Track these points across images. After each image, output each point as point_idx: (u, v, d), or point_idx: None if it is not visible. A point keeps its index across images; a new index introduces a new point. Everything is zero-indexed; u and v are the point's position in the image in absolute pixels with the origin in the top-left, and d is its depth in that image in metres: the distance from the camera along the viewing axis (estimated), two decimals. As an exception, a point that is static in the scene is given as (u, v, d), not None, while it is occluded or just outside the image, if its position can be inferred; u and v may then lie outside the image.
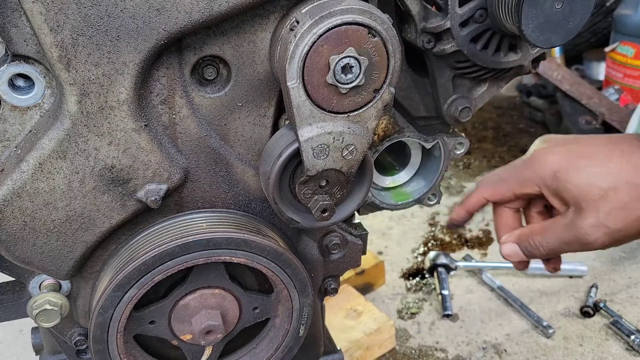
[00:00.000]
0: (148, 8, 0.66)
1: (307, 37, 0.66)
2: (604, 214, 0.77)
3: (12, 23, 0.66)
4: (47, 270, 0.78)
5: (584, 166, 0.78)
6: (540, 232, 0.84)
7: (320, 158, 0.73)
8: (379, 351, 1.61)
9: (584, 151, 0.80)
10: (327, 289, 0.99)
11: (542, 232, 0.84)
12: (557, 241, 0.82)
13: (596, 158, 0.78)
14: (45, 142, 0.70)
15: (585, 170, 0.78)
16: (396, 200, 1.03)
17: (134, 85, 0.70)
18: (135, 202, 0.77)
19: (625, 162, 0.76)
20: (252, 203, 0.86)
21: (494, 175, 0.88)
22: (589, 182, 0.77)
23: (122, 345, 0.80)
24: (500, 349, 1.63)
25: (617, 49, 2.63)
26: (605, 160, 0.77)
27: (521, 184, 0.85)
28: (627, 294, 1.82)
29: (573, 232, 0.80)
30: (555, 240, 0.82)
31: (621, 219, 0.77)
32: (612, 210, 0.76)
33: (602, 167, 0.77)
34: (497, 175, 0.88)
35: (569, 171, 0.79)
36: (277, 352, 0.90)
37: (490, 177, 0.88)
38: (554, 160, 0.81)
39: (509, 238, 0.89)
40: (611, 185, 0.76)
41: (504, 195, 0.87)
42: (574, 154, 0.80)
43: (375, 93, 0.71)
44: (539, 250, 0.85)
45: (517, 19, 0.75)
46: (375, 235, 2.16)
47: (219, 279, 0.83)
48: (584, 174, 0.78)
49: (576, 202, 0.79)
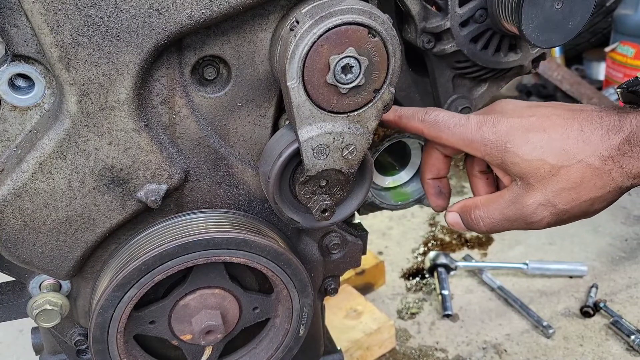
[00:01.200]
0: (148, 8, 0.66)
1: (307, 37, 0.66)
2: (553, 192, 0.73)
3: (12, 23, 0.66)
4: (47, 270, 0.78)
5: (537, 140, 0.73)
6: (484, 206, 0.80)
7: (320, 158, 0.73)
8: (379, 351, 1.61)
9: (539, 124, 0.74)
10: (327, 289, 0.99)
11: (485, 206, 0.80)
12: (500, 217, 0.78)
13: (552, 132, 0.73)
14: (45, 142, 0.70)
15: (539, 144, 0.73)
16: (396, 200, 1.03)
17: (134, 85, 0.70)
18: (135, 202, 0.77)
19: (581, 140, 0.71)
20: (252, 203, 0.86)
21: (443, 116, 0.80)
22: (540, 157, 0.73)
23: (122, 345, 0.80)
24: (500, 349, 1.63)
25: (617, 49, 2.63)
26: (561, 136, 0.73)
27: (465, 143, 0.78)
28: (627, 294, 1.82)
29: (518, 209, 0.76)
30: (499, 216, 0.78)
31: (570, 199, 0.73)
32: (562, 191, 0.73)
33: (557, 143, 0.72)
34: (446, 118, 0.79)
35: (521, 144, 0.74)
36: (277, 352, 0.90)
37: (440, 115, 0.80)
38: (506, 130, 0.75)
39: (454, 207, 0.85)
40: (564, 164, 0.72)
41: (443, 142, 0.81)
42: (528, 126, 0.75)
43: (375, 93, 0.71)
44: (478, 225, 0.81)
45: (517, 19, 0.75)
46: (375, 235, 2.16)
47: (219, 279, 0.83)
48: (537, 149, 0.73)
49: (524, 177, 0.74)
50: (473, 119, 0.78)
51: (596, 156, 0.71)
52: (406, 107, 0.84)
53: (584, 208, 0.74)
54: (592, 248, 2.04)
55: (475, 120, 0.78)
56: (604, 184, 0.72)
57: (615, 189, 0.72)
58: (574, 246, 2.06)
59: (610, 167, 0.71)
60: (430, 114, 0.80)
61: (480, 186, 0.86)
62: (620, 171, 0.71)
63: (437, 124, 0.79)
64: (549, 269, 1.90)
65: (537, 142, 0.73)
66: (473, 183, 0.87)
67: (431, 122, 0.80)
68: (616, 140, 0.70)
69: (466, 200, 0.84)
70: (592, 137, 0.71)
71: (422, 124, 0.80)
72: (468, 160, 0.87)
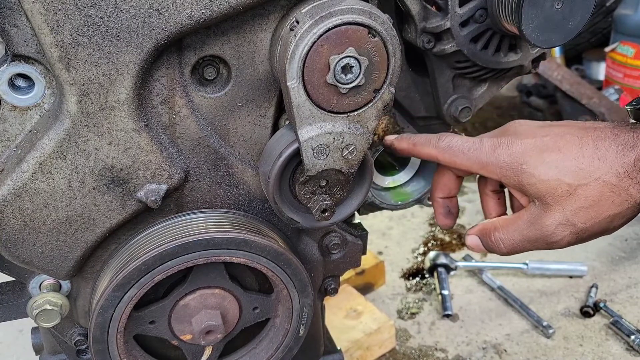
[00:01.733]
0: (148, 8, 0.66)
1: (307, 37, 0.66)
2: (572, 212, 0.73)
3: (12, 23, 0.66)
4: (47, 270, 0.78)
5: (552, 160, 0.74)
6: (503, 228, 0.80)
7: (320, 158, 0.73)
8: (379, 351, 1.61)
9: (554, 143, 0.75)
10: (327, 289, 0.99)
11: (504, 228, 0.80)
12: (520, 238, 0.78)
13: (566, 152, 0.73)
14: (45, 142, 0.70)
15: (554, 164, 0.73)
16: (396, 200, 1.03)
17: (134, 85, 0.70)
18: (135, 202, 0.77)
19: (597, 158, 0.72)
20: (252, 203, 0.86)
21: (457, 141, 0.80)
22: (557, 177, 0.73)
23: (122, 345, 0.80)
24: (500, 349, 1.63)
25: (617, 49, 2.63)
26: (576, 154, 0.73)
27: (481, 167, 0.78)
28: (627, 294, 1.82)
29: (537, 229, 0.76)
30: (518, 237, 0.78)
31: (589, 217, 0.73)
32: (581, 209, 0.73)
33: (572, 162, 0.73)
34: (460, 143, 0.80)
35: (537, 165, 0.74)
36: (277, 352, 0.90)
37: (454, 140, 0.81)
38: (521, 152, 0.76)
39: (473, 229, 0.84)
40: (581, 182, 0.72)
41: (458, 167, 0.81)
42: (543, 146, 0.75)
43: (375, 93, 0.71)
44: (499, 247, 0.81)
45: (517, 19, 0.75)
46: (375, 235, 2.16)
47: (219, 279, 0.83)
48: (553, 168, 0.73)
49: (542, 198, 0.74)
50: (487, 142, 0.78)
51: (612, 173, 0.71)
52: (419, 135, 0.85)
53: (604, 225, 0.74)
54: (592, 248, 2.04)
55: (489, 143, 0.78)
56: (622, 200, 0.72)
57: (634, 205, 0.72)
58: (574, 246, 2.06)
59: (627, 183, 0.71)
60: (443, 140, 0.81)
61: (492, 205, 0.87)
62: (637, 187, 0.71)
63: (451, 149, 0.80)
64: (549, 269, 1.90)
65: (553, 162, 0.74)
66: (484, 202, 0.88)
67: (445, 148, 0.80)
68: (631, 156, 0.70)
69: (485, 223, 0.84)
70: (607, 154, 0.71)
71: (436, 150, 0.81)
72: (481, 180, 0.87)
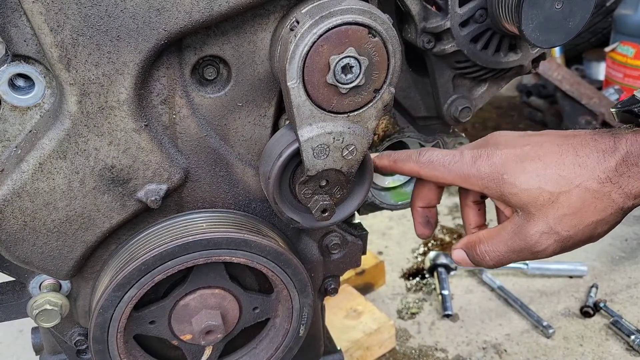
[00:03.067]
0: (148, 8, 0.66)
1: (307, 37, 0.66)
2: (554, 220, 0.73)
3: (12, 23, 0.66)
4: (47, 270, 0.78)
5: (533, 169, 0.73)
6: (488, 240, 0.79)
7: (320, 158, 0.73)
8: (379, 351, 1.61)
9: (534, 152, 0.74)
10: (327, 289, 0.99)
11: (489, 240, 0.79)
12: (504, 249, 0.78)
13: (547, 160, 0.73)
14: (45, 142, 0.70)
15: (535, 173, 0.73)
16: (396, 200, 1.03)
17: (134, 85, 0.70)
18: (135, 202, 0.77)
19: (577, 165, 0.71)
20: (252, 203, 0.86)
21: (438, 155, 0.80)
22: (538, 186, 0.72)
23: (122, 345, 0.80)
24: (500, 349, 1.63)
25: (617, 49, 2.63)
26: (556, 162, 0.72)
27: (462, 179, 0.78)
28: (627, 294, 1.82)
29: (521, 239, 0.75)
30: (503, 249, 0.78)
31: (572, 225, 0.73)
32: (563, 217, 0.72)
33: (553, 169, 0.72)
34: (441, 157, 0.80)
35: (517, 174, 0.74)
36: (277, 352, 0.90)
37: (434, 155, 0.80)
38: (501, 162, 0.75)
39: (458, 244, 0.84)
40: (562, 190, 0.71)
41: (440, 180, 0.81)
42: (523, 155, 0.74)
43: (375, 93, 0.71)
44: (484, 260, 0.80)
45: (517, 19, 0.75)
46: (375, 235, 2.16)
47: (219, 279, 0.83)
48: (534, 177, 0.73)
49: (524, 207, 0.74)
50: (467, 154, 0.78)
51: (594, 179, 0.70)
52: (399, 152, 0.85)
53: (588, 232, 0.74)
54: (592, 248, 2.04)
55: (470, 155, 0.78)
56: (604, 206, 0.71)
57: (617, 210, 0.72)
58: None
59: (609, 188, 0.70)
60: (424, 155, 0.81)
61: (472, 216, 0.87)
62: (620, 192, 0.70)
63: (432, 163, 0.80)
64: (549, 269, 1.90)
65: (533, 170, 0.73)
66: (465, 213, 0.88)
67: (425, 163, 0.80)
68: (612, 161, 0.70)
69: (469, 236, 0.84)
70: (587, 160, 0.71)
71: (417, 165, 0.81)
72: (462, 191, 0.87)
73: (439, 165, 0.79)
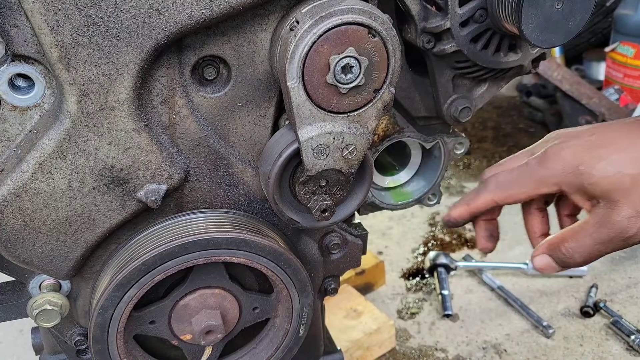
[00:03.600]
0: (148, 8, 0.66)
1: (307, 37, 0.66)
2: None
3: (12, 23, 0.66)
4: (47, 270, 0.78)
5: (607, 155, 0.72)
6: (572, 237, 0.76)
7: (320, 158, 0.73)
8: (379, 351, 1.61)
9: (602, 140, 0.73)
10: (327, 289, 0.99)
11: (573, 237, 0.76)
12: (592, 243, 0.75)
13: (619, 144, 0.72)
14: (45, 142, 0.70)
15: (610, 159, 0.71)
16: (396, 200, 1.03)
17: (134, 85, 0.70)
18: (135, 202, 0.77)
19: None
20: (252, 203, 0.86)
21: (503, 175, 0.80)
22: (617, 170, 0.71)
23: (122, 345, 0.80)
24: (500, 349, 1.63)
25: (617, 49, 2.63)
26: (628, 145, 0.71)
27: (536, 185, 0.77)
28: (627, 294, 1.82)
29: (609, 228, 0.73)
30: (591, 243, 0.75)
31: None
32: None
33: (627, 153, 0.71)
34: (506, 176, 0.80)
35: (592, 163, 0.72)
36: (277, 352, 0.90)
37: (499, 177, 0.80)
38: (572, 155, 0.74)
39: (538, 250, 0.81)
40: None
41: (516, 197, 0.80)
42: (592, 144, 0.73)
43: (375, 93, 0.71)
44: (573, 258, 0.77)
45: (517, 19, 0.75)
46: (375, 235, 2.16)
47: (219, 279, 0.83)
48: (610, 163, 0.71)
49: (607, 194, 0.72)
50: (532, 161, 0.78)
51: None
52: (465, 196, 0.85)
53: None
54: (592, 248, 2.04)
55: (534, 160, 0.78)
56: None
57: None
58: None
59: None
60: (490, 182, 0.80)
61: (536, 224, 0.86)
62: None
63: (501, 184, 0.80)
64: (549, 269, 1.90)
65: (608, 156, 0.72)
66: (528, 221, 0.87)
67: (496, 190, 0.80)
68: None
69: (549, 238, 0.81)
70: None
71: (491, 195, 0.80)
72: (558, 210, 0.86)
73: (510, 185, 0.79)
